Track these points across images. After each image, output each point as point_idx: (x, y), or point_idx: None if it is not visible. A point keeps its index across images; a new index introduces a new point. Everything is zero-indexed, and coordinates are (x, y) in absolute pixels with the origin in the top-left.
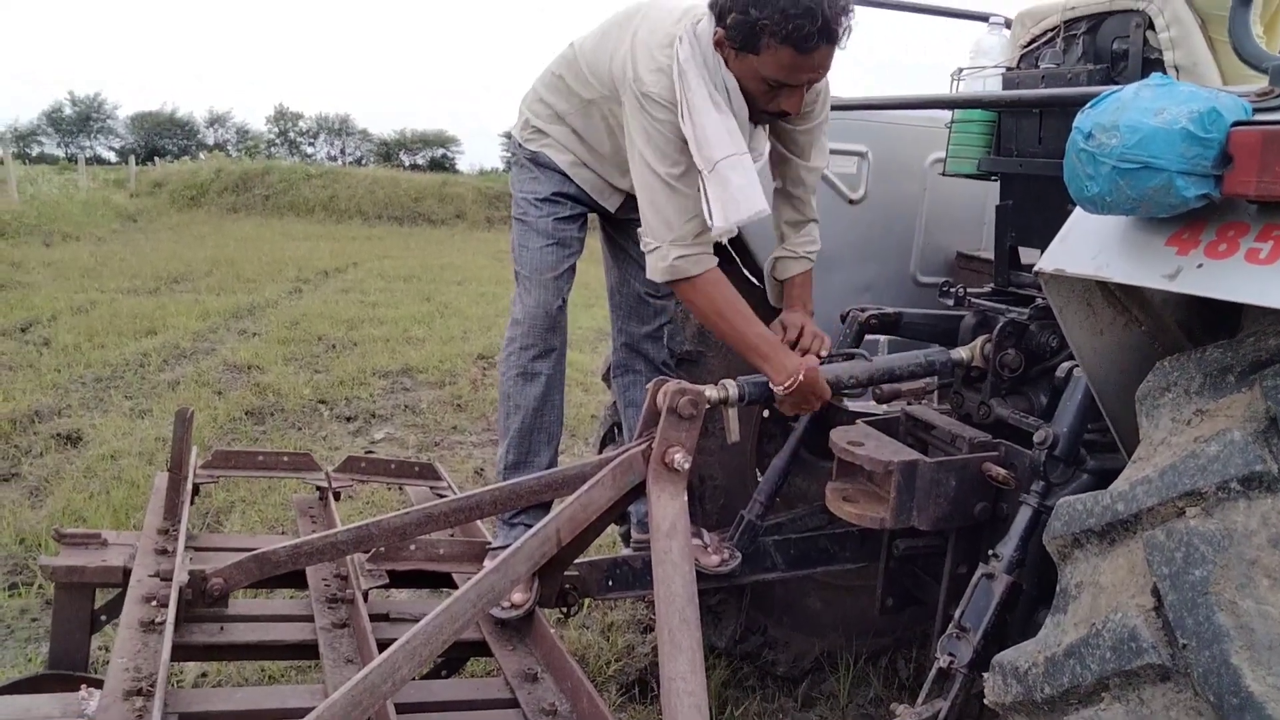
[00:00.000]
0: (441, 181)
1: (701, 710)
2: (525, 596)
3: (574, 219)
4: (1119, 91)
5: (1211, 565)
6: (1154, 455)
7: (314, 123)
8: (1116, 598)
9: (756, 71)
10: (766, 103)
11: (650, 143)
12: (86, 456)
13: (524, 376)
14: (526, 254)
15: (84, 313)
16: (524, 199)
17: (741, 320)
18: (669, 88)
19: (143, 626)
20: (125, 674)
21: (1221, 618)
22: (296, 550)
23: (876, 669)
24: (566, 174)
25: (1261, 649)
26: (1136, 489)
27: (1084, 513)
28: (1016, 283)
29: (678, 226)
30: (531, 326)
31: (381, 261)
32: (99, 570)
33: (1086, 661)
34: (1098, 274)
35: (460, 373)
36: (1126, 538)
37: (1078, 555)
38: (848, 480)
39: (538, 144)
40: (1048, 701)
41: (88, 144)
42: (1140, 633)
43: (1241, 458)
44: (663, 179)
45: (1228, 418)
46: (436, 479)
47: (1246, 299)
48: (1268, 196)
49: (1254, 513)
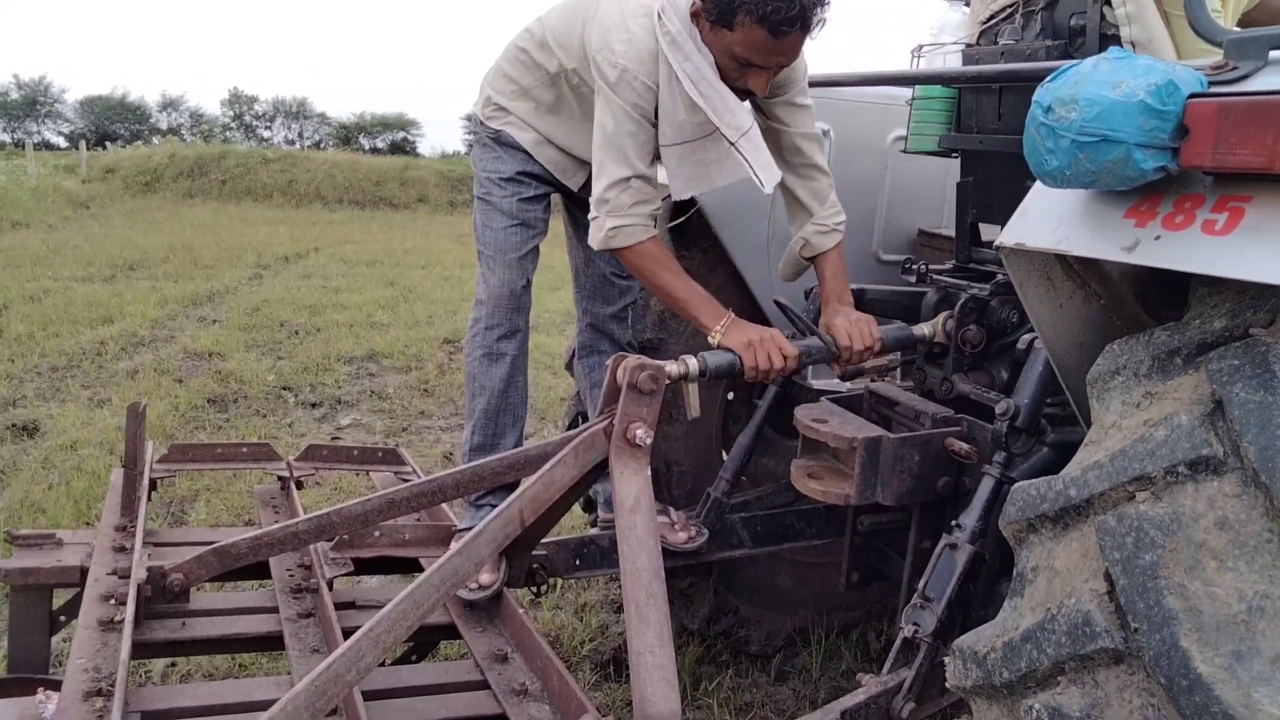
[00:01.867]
0: (403, 165)
1: (671, 683)
2: (493, 577)
3: (538, 199)
4: (1078, 65)
5: (1161, 549)
6: (1105, 439)
7: (270, 106)
8: (1071, 582)
9: (728, 47)
10: (734, 79)
11: (611, 112)
12: (44, 447)
13: (489, 357)
14: (490, 234)
15: (37, 301)
16: (487, 178)
17: (672, 279)
18: (637, 59)
19: (101, 626)
20: (84, 675)
21: (1171, 601)
22: (257, 542)
23: (848, 642)
24: (530, 153)
25: (1209, 630)
26: (1088, 474)
27: (1038, 498)
28: (978, 259)
29: (614, 197)
30: (496, 306)
31: (343, 246)
32: (55, 571)
33: (1043, 646)
34: (1057, 247)
35: (426, 357)
36: (1079, 522)
37: (1033, 539)
38: (813, 457)
39: (500, 122)
40: (1006, 685)
41: (35, 129)
42: (1094, 617)
43: (1188, 441)
44: (617, 147)
45: (1175, 401)
46: (401, 464)
47: (1203, 270)
48: (1223, 168)
49: (1201, 496)
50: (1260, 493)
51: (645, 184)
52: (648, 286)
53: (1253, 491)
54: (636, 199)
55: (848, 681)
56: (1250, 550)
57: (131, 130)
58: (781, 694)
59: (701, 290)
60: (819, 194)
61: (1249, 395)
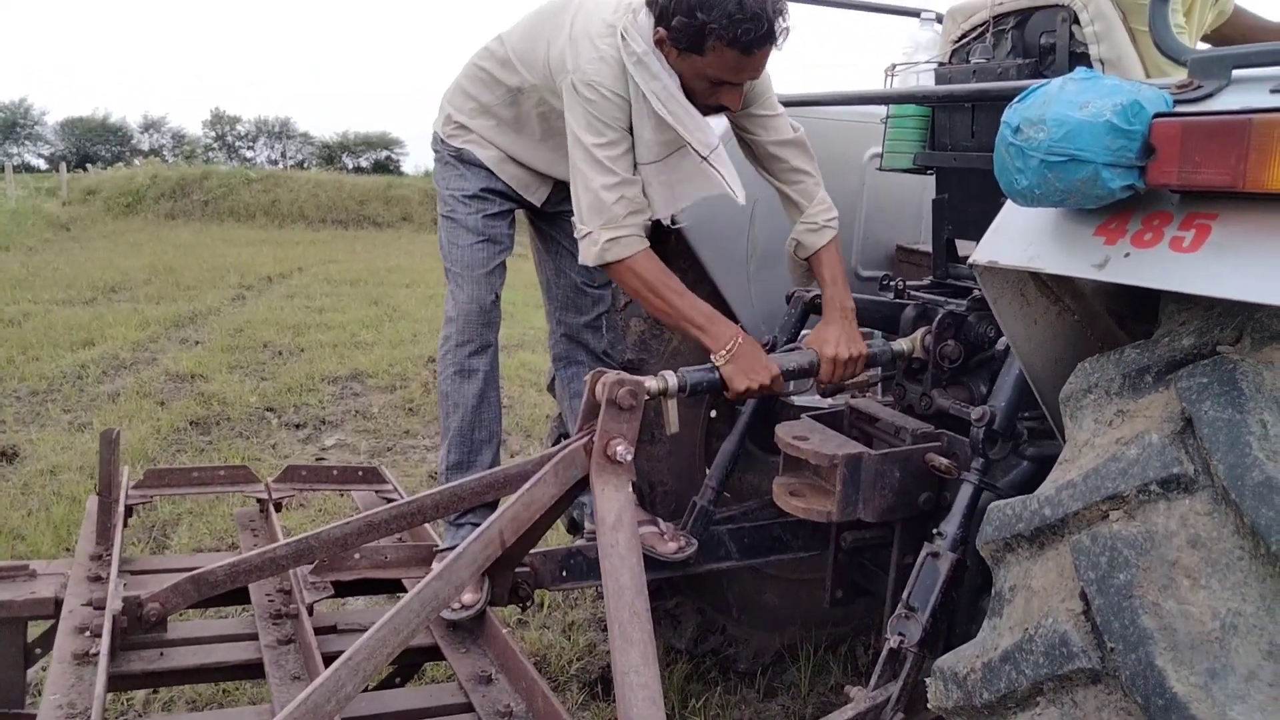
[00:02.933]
0: (386, 184)
1: (656, 703)
2: (476, 596)
3: (502, 215)
4: (1046, 85)
5: (1135, 568)
6: (1078, 458)
7: (253, 126)
8: (1047, 602)
9: (700, 70)
10: (706, 98)
11: (590, 127)
12: (23, 473)
13: (461, 374)
14: (457, 251)
15: (16, 325)
16: (451, 196)
17: (674, 294)
18: (612, 77)
19: (76, 659)
20: (59, 711)
21: (1145, 620)
22: (234, 569)
23: (836, 657)
24: (492, 170)
25: (1184, 649)
26: (1062, 493)
27: (1013, 517)
28: (954, 275)
29: (608, 207)
30: (466, 323)
31: (327, 266)
32: (28, 604)
33: (1021, 666)
34: (1030, 265)
35: (411, 376)
36: (1055, 541)
37: (1010, 559)
38: (794, 475)
39: (461, 140)
40: (987, 706)
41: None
42: (1070, 637)
43: (1159, 460)
44: (598, 159)
45: (1146, 419)
46: (382, 483)
47: (1171, 286)
48: (1189, 186)
49: (1173, 514)
50: (1230, 510)
51: (634, 192)
52: (646, 307)
53: (1223, 509)
54: (630, 208)
55: (836, 696)
56: (1222, 568)
57: (113, 152)
58: (770, 710)
59: (705, 306)
60: (806, 193)
61: (1218, 413)
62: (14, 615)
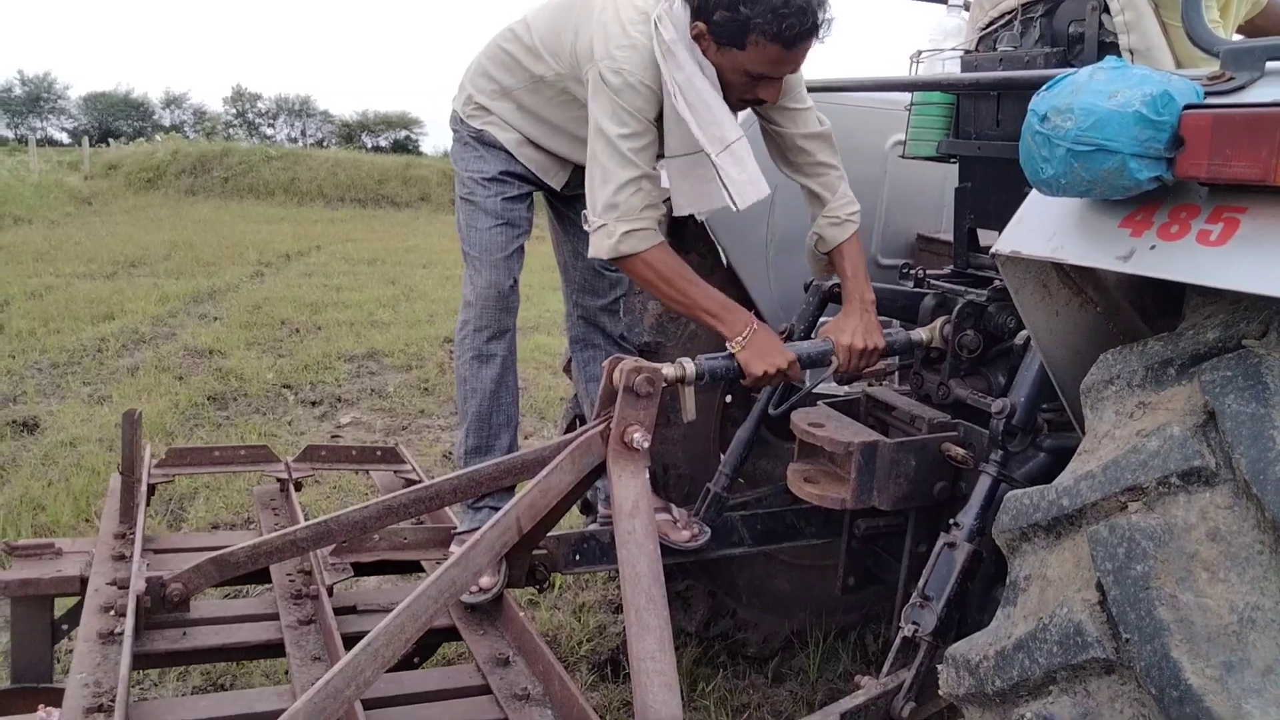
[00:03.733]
0: (405, 163)
1: (672, 689)
2: (493, 580)
3: (521, 198)
4: (1074, 74)
5: (1152, 560)
6: (1098, 449)
7: (273, 104)
8: (1063, 592)
9: (740, 65)
10: (744, 92)
11: (614, 117)
12: (44, 444)
13: (479, 359)
14: (475, 234)
15: (38, 298)
16: (470, 178)
17: (688, 284)
18: (641, 65)
19: (101, 639)
20: (85, 690)
21: (1162, 612)
22: (255, 550)
23: (846, 644)
24: (512, 153)
25: (1200, 641)
26: (1080, 484)
27: (1030, 507)
28: (975, 264)
29: (625, 200)
30: (484, 308)
31: (345, 244)
32: (55, 581)
33: (1035, 655)
34: (1053, 256)
35: (427, 356)
36: (1072, 532)
37: (1025, 549)
38: (809, 461)
39: (481, 120)
40: (999, 694)
41: (39, 125)
42: (1085, 627)
43: (1180, 453)
44: (620, 151)
45: (1168, 411)
46: (400, 463)
47: (1197, 280)
48: (1218, 179)
49: (1193, 507)
50: (1252, 504)
51: (653, 185)
52: (659, 297)
53: (1244, 503)
54: (646, 202)
55: (845, 683)
56: (1242, 562)
57: (134, 127)
58: (779, 696)
59: (719, 295)
60: (829, 186)
61: (1241, 407)
62: (41, 593)
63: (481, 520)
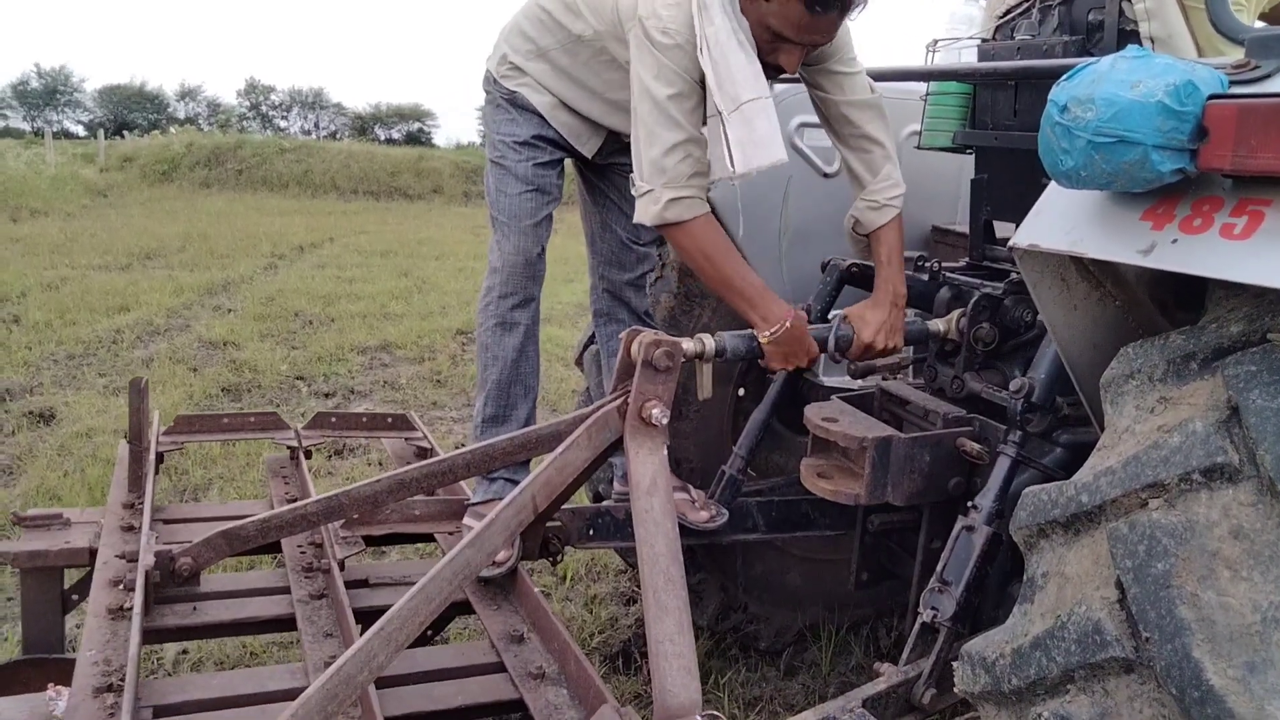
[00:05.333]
0: (418, 156)
1: (691, 672)
2: (508, 554)
3: (553, 164)
4: (1095, 64)
5: (1174, 558)
6: (1118, 444)
7: (287, 96)
8: (1081, 589)
9: (763, 18)
10: (766, 54)
11: (660, 77)
12: (60, 434)
13: (502, 326)
14: (505, 200)
15: (54, 289)
16: (501, 141)
17: (729, 265)
18: (686, 23)
19: (110, 614)
20: (94, 668)
21: (1183, 610)
22: (265, 524)
23: (858, 638)
24: (545, 117)
25: (1222, 641)
26: (1100, 480)
27: (1049, 503)
28: (991, 257)
29: (672, 166)
30: (511, 274)
31: (358, 237)
32: (63, 553)
33: (1052, 653)
34: (1072, 249)
35: (439, 348)
36: (1091, 529)
37: (1043, 545)
38: (823, 456)
39: (515, 82)
40: (1015, 692)
41: (55, 118)
42: (1104, 625)
43: (1203, 449)
44: (668, 113)
45: (1190, 406)
46: (411, 430)
47: (1221, 275)
48: (1243, 171)
49: (1215, 504)
50: (1276, 501)
51: (701, 151)
52: (698, 270)
53: (1268, 500)
54: (695, 169)
55: (858, 676)
56: (1265, 560)
57: (149, 119)
58: (791, 688)
59: (759, 281)
60: (872, 165)
61: (1266, 402)
62: (50, 564)
63: (496, 491)
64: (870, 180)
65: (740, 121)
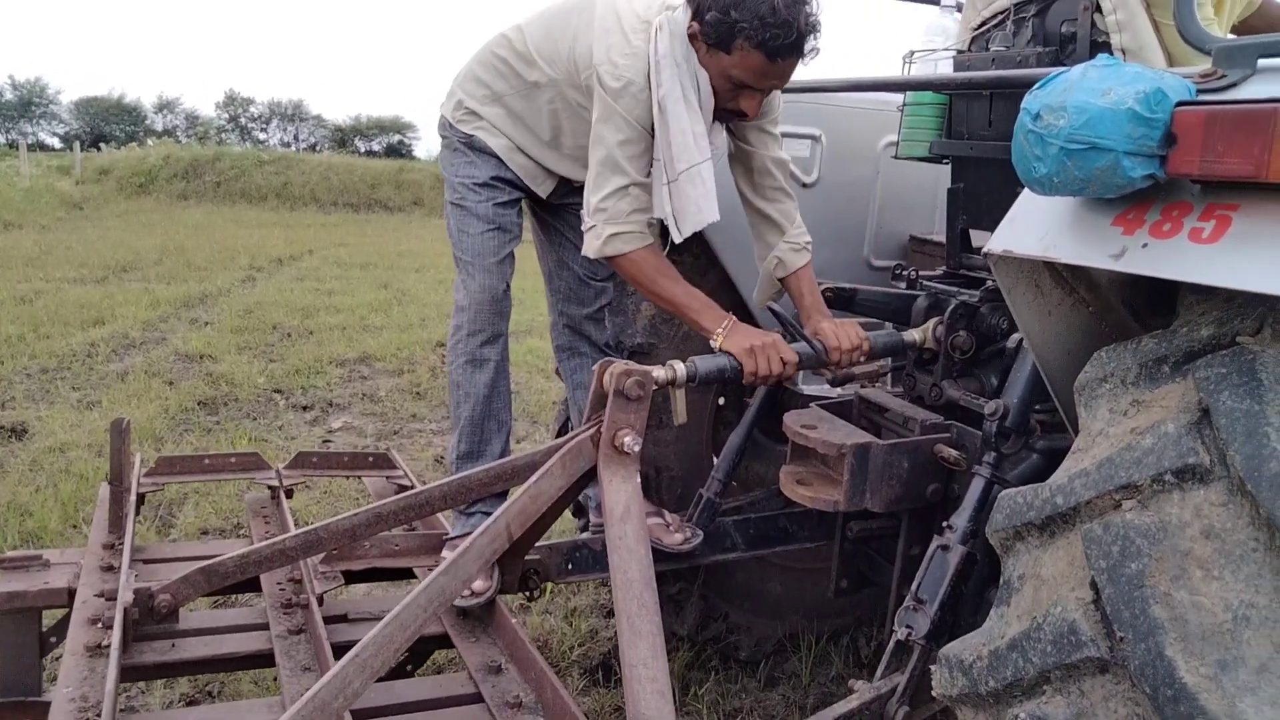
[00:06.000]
0: (398, 168)
1: (664, 695)
2: (486, 584)
3: (512, 204)
4: (1066, 72)
5: (1147, 558)
6: (1092, 447)
7: (266, 108)
8: (1057, 591)
9: (724, 70)
10: (726, 100)
11: (609, 122)
12: (32, 449)
13: (473, 364)
14: (467, 239)
15: (28, 303)
16: (461, 184)
17: (669, 283)
18: (641, 71)
19: (88, 651)
20: (71, 704)
21: (1156, 610)
22: (244, 560)
23: (838, 648)
24: (502, 159)
25: (1195, 640)
26: (1075, 482)
27: (1024, 506)
28: (968, 265)
29: (612, 206)
30: (478, 312)
31: (337, 249)
32: (42, 594)
33: (1029, 655)
34: (1045, 254)
35: (419, 360)
36: (1066, 530)
37: (1019, 548)
38: (802, 463)
39: (470, 126)
40: (992, 694)
41: (30, 130)
42: (1079, 626)
43: (1175, 450)
44: (614, 159)
45: (1162, 409)
46: (392, 469)
47: (1190, 278)
48: (1210, 176)
49: (1187, 504)
50: (1246, 501)
51: (642, 192)
52: (644, 294)
53: (1239, 500)
54: (634, 206)
55: (837, 687)
56: (1236, 559)
57: (126, 131)
58: (771, 699)
59: (699, 294)
60: (788, 215)
61: (1236, 404)
62: (29, 605)
63: (473, 525)
64: (789, 227)
65: (677, 192)
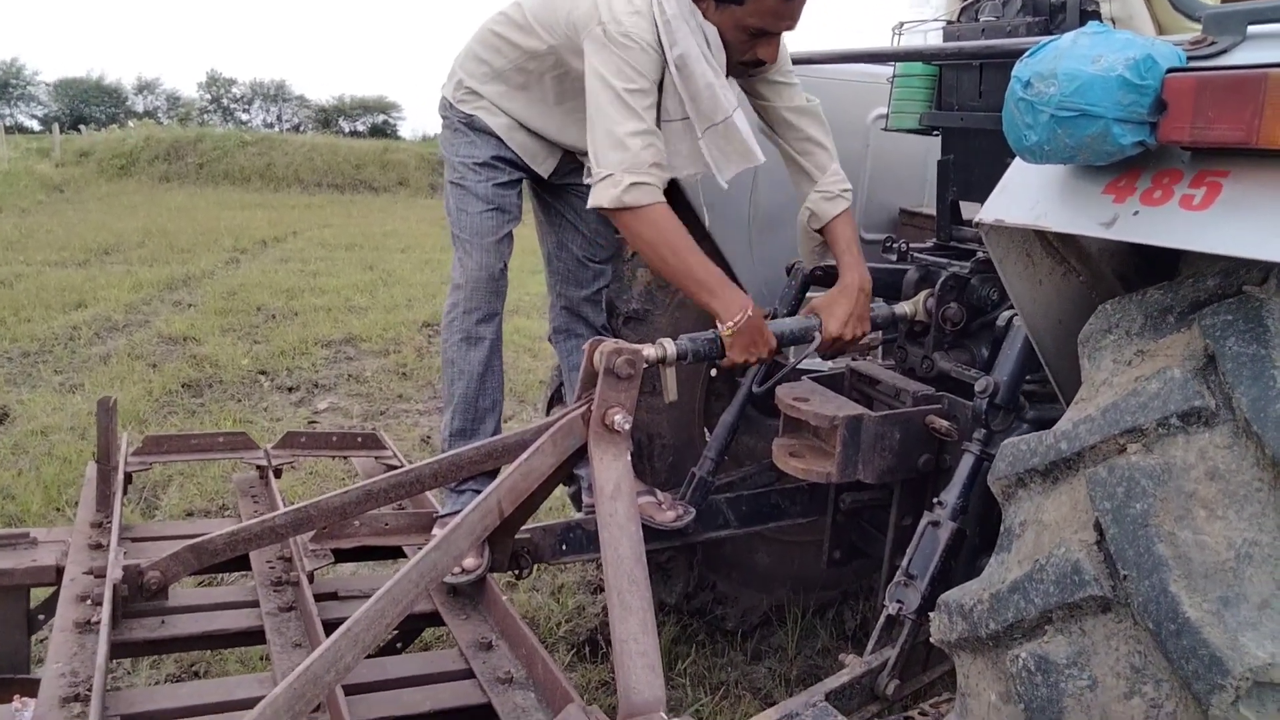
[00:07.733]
0: (383, 148)
1: (655, 670)
2: (477, 561)
3: (512, 184)
4: (1057, 40)
5: (1152, 499)
6: (1096, 395)
7: (248, 88)
8: (1060, 534)
9: (739, 20)
10: (744, 52)
11: (620, 73)
12: (15, 433)
13: (468, 341)
14: (466, 218)
15: (8, 286)
16: (461, 163)
17: (692, 255)
18: (649, 30)
19: (78, 627)
20: (61, 679)
21: (1161, 548)
22: (234, 537)
23: (824, 621)
24: (502, 138)
25: (1198, 577)
26: (1079, 427)
27: (1028, 453)
28: (958, 237)
29: (633, 151)
30: (474, 290)
31: (322, 230)
32: (30, 571)
33: (1030, 596)
34: (1036, 223)
35: (405, 341)
36: (1069, 475)
37: (1021, 495)
38: (794, 436)
39: (471, 105)
40: (992, 637)
41: (7, 112)
42: (1083, 566)
43: (1181, 394)
44: (629, 105)
45: (1168, 356)
46: (381, 449)
47: (1180, 245)
48: (1201, 143)
49: (1192, 447)
50: (1251, 443)
51: (660, 144)
52: (654, 261)
53: (1244, 442)
54: (655, 159)
55: (824, 660)
56: (1240, 499)
57: (107, 113)
58: (757, 673)
59: (718, 270)
60: (819, 164)
61: (1242, 348)
62: (16, 583)
63: (464, 503)
64: (820, 176)
65: (717, 136)
